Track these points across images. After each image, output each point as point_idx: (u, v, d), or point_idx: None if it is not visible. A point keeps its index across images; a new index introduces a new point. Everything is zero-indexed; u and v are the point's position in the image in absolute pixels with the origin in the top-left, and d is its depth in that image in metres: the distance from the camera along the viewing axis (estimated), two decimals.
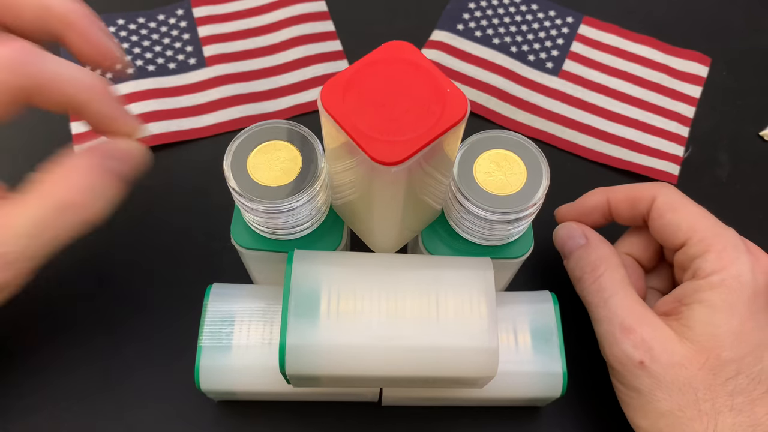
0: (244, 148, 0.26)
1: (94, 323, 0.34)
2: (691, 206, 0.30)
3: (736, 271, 0.28)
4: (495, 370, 0.25)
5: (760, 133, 0.43)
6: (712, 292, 0.28)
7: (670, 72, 0.45)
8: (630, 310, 0.29)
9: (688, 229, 0.29)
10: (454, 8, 0.47)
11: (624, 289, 0.30)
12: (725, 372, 0.27)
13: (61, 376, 0.33)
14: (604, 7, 0.48)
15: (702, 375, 0.27)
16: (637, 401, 0.28)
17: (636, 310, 0.29)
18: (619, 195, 0.33)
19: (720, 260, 0.28)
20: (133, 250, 0.36)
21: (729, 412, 0.26)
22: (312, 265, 0.26)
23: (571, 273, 0.32)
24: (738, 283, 0.27)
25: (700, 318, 0.27)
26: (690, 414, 0.27)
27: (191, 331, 0.30)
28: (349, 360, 0.25)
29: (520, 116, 0.43)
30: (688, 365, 0.27)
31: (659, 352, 0.27)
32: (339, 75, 0.22)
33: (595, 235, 0.33)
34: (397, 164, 0.21)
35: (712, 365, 0.27)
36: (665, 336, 0.28)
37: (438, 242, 0.29)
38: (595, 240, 0.32)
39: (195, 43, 0.44)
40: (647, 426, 0.28)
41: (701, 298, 0.28)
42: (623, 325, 0.28)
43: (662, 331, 0.28)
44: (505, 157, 0.27)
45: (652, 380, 0.27)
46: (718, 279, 0.28)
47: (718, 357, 0.27)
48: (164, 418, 0.32)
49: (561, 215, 0.35)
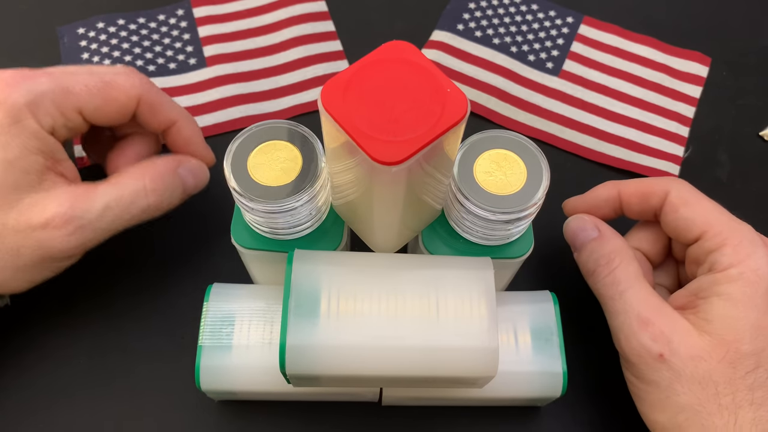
0: (245, 148, 0.26)
1: (94, 323, 0.34)
2: (705, 201, 0.30)
3: (754, 264, 0.27)
4: (495, 370, 0.25)
5: (760, 133, 0.43)
6: (731, 285, 0.27)
7: (670, 72, 0.45)
8: (647, 303, 0.28)
9: (703, 223, 0.29)
10: (454, 8, 0.47)
11: (640, 281, 0.29)
12: (745, 365, 0.26)
13: (60, 376, 0.33)
14: (604, 7, 0.48)
15: (722, 368, 0.26)
16: (654, 395, 0.28)
17: (653, 302, 0.29)
18: (631, 189, 0.32)
19: (737, 254, 0.28)
20: (134, 250, 0.36)
21: (749, 406, 0.26)
22: (312, 265, 0.26)
23: (584, 266, 0.32)
24: (756, 276, 0.27)
25: (719, 311, 0.27)
26: (710, 408, 0.26)
27: (191, 331, 0.30)
28: (349, 360, 0.25)
29: (520, 116, 0.43)
30: (707, 358, 0.27)
31: (678, 344, 0.27)
32: (339, 75, 0.22)
33: (608, 227, 0.32)
34: (397, 164, 0.21)
35: (732, 358, 0.26)
36: (684, 329, 0.27)
37: (438, 242, 0.29)
38: (608, 232, 0.32)
39: (195, 43, 0.44)
40: (665, 421, 0.28)
41: (719, 291, 0.28)
42: (641, 317, 0.28)
43: (681, 324, 0.28)
44: (505, 157, 0.27)
45: (671, 373, 0.27)
46: (737, 272, 0.28)
47: (737, 350, 0.26)
48: (164, 418, 0.32)
49: (570, 207, 0.35)
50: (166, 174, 0.32)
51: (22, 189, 0.28)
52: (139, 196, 0.31)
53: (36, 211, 0.28)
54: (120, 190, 0.30)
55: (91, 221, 0.29)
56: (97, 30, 0.44)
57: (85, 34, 0.44)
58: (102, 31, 0.44)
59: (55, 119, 0.29)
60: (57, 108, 0.29)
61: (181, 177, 0.33)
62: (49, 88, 0.29)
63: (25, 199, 0.28)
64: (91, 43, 0.43)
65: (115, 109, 0.31)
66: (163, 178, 0.32)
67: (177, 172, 0.33)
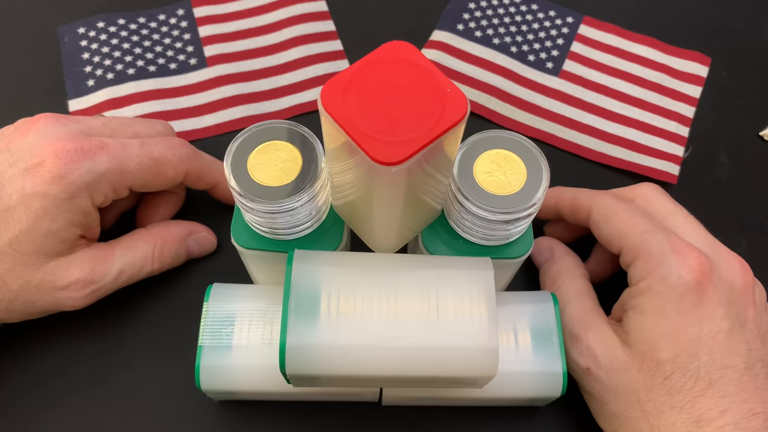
0: (245, 148, 0.26)
1: (94, 323, 0.34)
2: (623, 214, 0.31)
3: (660, 274, 0.28)
4: (495, 370, 0.25)
5: (760, 133, 0.43)
6: (642, 297, 0.29)
7: (670, 72, 0.45)
8: (578, 320, 0.30)
9: (619, 238, 0.31)
10: (454, 8, 0.47)
11: (576, 298, 0.31)
12: (661, 372, 0.27)
13: (60, 376, 0.33)
14: (604, 7, 0.48)
15: (641, 377, 0.28)
16: (593, 404, 0.30)
17: (584, 319, 0.30)
18: (564, 200, 0.34)
19: (646, 266, 0.29)
20: None
21: (670, 410, 0.27)
22: (312, 265, 0.26)
23: (541, 284, 0.35)
24: (663, 286, 0.28)
25: (634, 323, 0.29)
26: (636, 415, 0.28)
27: (191, 331, 0.30)
28: (349, 360, 0.25)
29: (520, 116, 0.43)
30: (628, 369, 0.28)
31: (602, 358, 0.29)
32: (339, 75, 0.22)
33: (562, 248, 0.35)
34: (397, 164, 0.21)
35: (649, 367, 0.28)
36: (609, 342, 0.29)
37: (438, 242, 0.29)
38: (559, 253, 0.34)
39: (196, 44, 0.44)
40: (606, 428, 0.30)
41: (634, 304, 0.29)
42: (572, 334, 0.30)
43: (607, 338, 0.29)
44: (505, 157, 0.27)
45: (599, 385, 0.29)
46: (646, 285, 0.29)
47: (652, 359, 0.28)
48: (164, 418, 0.32)
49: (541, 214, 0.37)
50: (176, 243, 0.34)
51: (53, 255, 0.30)
52: (147, 262, 0.33)
53: (61, 274, 0.30)
54: (133, 255, 0.32)
55: (107, 284, 0.31)
56: (98, 30, 0.44)
57: (86, 33, 0.44)
58: (102, 31, 0.44)
59: (107, 197, 0.31)
60: (112, 188, 0.31)
61: (188, 247, 0.35)
62: (107, 169, 0.30)
63: (51, 262, 0.30)
64: (91, 43, 0.43)
65: (163, 183, 0.33)
66: (173, 246, 0.34)
67: (186, 242, 0.35)
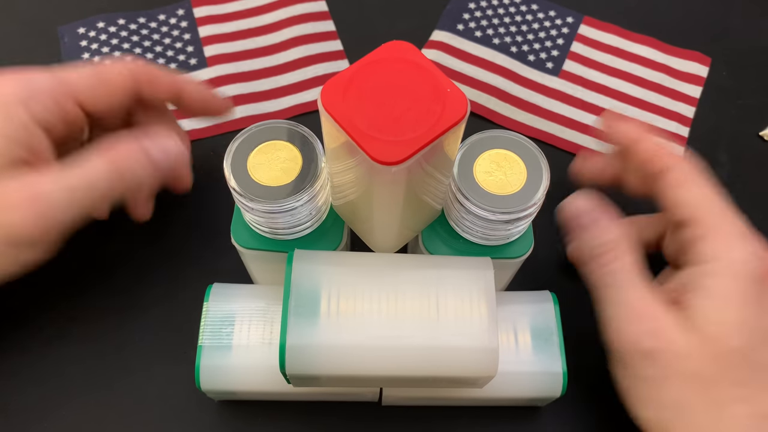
0: (245, 148, 0.26)
1: (93, 323, 0.34)
2: (705, 186, 0.29)
3: (738, 257, 0.27)
4: (495, 369, 0.25)
5: (760, 133, 0.43)
6: (715, 279, 0.27)
7: (670, 72, 0.45)
8: (642, 298, 0.28)
9: (695, 207, 0.28)
10: (454, 8, 0.47)
11: (636, 275, 0.29)
12: (730, 361, 0.26)
13: (60, 375, 0.33)
14: (604, 7, 0.48)
15: (708, 365, 0.26)
16: (642, 391, 0.28)
17: (647, 298, 0.28)
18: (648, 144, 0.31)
19: (720, 246, 0.27)
20: (134, 250, 0.36)
21: (734, 403, 0.26)
22: (312, 265, 0.26)
23: (577, 253, 0.31)
24: (738, 271, 0.27)
25: (704, 307, 0.27)
26: (696, 405, 0.26)
27: (191, 331, 0.30)
28: (349, 360, 0.25)
29: (520, 116, 0.43)
30: (694, 355, 0.26)
31: (667, 341, 0.27)
32: (339, 75, 0.22)
33: (606, 214, 0.31)
34: (397, 164, 0.21)
35: (718, 355, 0.26)
36: (673, 325, 0.27)
37: (438, 242, 0.29)
38: (606, 220, 0.30)
39: (196, 43, 0.44)
40: (651, 417, 0.27)
41: (704, 285, 0.27)
42: (634, 311, 0.28)
43: (671, 320, 0.27)
44: (505, 157, 0.27)
45: (659, 369, 0.27)
46: (719, 266, 0.27)
47: (723, 347, 0.26)
48: (164, 418, 0.32)
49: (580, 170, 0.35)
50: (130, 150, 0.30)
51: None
52: (101, 176, 0.29)
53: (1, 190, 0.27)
54: (83, 169, 0.28)
55: (59, 203, 0.28)
56: (98, 30, 0.44)
57: (86, 34, 0.44)
58: (102, 31, 0.44)
59: (51, 112, 0.29)
60: (53, 99, 0.29)
61: (150, 155, 0.30)
62: (44, 79, 0.29)
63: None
64: (91, 43, 0.43)
65: (110, 90, 0.31)
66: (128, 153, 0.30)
67: (145, 149, 0.30)
